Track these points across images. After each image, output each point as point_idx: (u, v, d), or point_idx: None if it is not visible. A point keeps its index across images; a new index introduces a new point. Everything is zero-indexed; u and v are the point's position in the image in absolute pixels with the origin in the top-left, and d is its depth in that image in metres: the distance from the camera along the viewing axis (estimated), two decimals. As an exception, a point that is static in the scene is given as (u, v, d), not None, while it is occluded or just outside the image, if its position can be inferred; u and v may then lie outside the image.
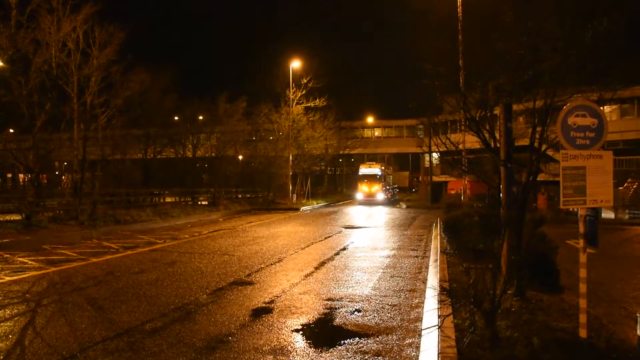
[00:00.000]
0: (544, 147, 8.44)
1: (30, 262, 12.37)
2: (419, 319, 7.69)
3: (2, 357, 6.07)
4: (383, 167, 46.26)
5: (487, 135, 9.10)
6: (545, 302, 7.81)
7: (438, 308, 7.27)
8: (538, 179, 8.61)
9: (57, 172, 48.58)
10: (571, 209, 7.17)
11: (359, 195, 45.39)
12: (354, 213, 33.27)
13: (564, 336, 6.01)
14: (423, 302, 8.62)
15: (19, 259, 12.90)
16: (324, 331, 7.18)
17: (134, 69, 27.52)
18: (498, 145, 8.62)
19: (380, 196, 44.17)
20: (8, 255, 13.37)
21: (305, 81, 41.37)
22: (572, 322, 6.57)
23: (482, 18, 10.62)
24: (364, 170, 46.18)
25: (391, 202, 47.05)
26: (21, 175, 25.49)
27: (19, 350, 6.27)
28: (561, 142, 6.09)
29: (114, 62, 23.77)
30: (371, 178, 44.72)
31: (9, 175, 44.89)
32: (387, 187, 46.80)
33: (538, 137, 8.20)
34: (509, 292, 7.40)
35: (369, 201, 43.56)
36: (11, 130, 29.03)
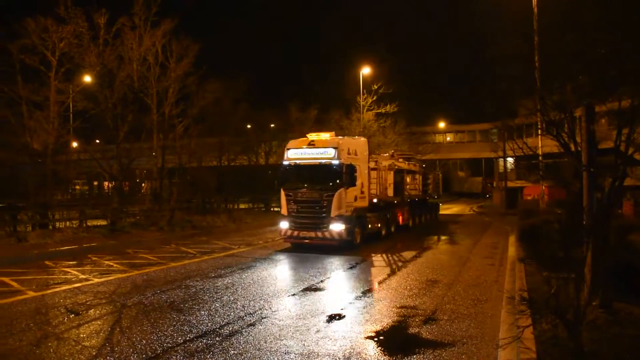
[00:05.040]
0: (630, 150, 7.98)
1: (115, 265, 13.11)
2: (496, 329, 7.46)
3: (94, 352, 6.50)
4: (350, 147, 17.17)
5: (566, 138, 8.72)
6: (636, 315, 7.33)
7: (517, 318, 7.02)
8: (624, 183, 8.13)
9: (137, 180, 51.19)
10: (663, 216, 6.72)
11: (284, 224, 16.87)
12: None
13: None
14: (500, 312, 8.34)
15: (105, 261, 13.70)
16: (397, 339, 7.13)
17: (208, 79, 28.51)
18: (579, 148, 8.23)
19: (337, 227, 15.84)
20: (96, 258, 14.23)
21: (376, 87, 41.11)
22: (667, 337, 6.14)
23: (558, 16, 10.19)
24: (293, 152, 17.30)
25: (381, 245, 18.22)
26: (106, 183, 27.07)
27: (108, 348, 6.67)
28: (651, 145, 5.74)
29: (189, 74, 24.75)
30: (312, 174, 16.82)
31: (95, 183, 47.68)
32: (374, 203, 19.32)
33: (624, 140, 7.76)
34: (593, 303, 7.04)
35: (304, 241, 16.60)
36: (97, 141, 30.95)
